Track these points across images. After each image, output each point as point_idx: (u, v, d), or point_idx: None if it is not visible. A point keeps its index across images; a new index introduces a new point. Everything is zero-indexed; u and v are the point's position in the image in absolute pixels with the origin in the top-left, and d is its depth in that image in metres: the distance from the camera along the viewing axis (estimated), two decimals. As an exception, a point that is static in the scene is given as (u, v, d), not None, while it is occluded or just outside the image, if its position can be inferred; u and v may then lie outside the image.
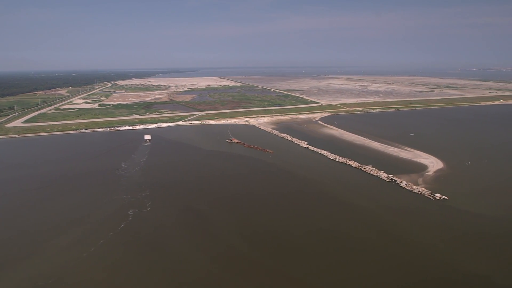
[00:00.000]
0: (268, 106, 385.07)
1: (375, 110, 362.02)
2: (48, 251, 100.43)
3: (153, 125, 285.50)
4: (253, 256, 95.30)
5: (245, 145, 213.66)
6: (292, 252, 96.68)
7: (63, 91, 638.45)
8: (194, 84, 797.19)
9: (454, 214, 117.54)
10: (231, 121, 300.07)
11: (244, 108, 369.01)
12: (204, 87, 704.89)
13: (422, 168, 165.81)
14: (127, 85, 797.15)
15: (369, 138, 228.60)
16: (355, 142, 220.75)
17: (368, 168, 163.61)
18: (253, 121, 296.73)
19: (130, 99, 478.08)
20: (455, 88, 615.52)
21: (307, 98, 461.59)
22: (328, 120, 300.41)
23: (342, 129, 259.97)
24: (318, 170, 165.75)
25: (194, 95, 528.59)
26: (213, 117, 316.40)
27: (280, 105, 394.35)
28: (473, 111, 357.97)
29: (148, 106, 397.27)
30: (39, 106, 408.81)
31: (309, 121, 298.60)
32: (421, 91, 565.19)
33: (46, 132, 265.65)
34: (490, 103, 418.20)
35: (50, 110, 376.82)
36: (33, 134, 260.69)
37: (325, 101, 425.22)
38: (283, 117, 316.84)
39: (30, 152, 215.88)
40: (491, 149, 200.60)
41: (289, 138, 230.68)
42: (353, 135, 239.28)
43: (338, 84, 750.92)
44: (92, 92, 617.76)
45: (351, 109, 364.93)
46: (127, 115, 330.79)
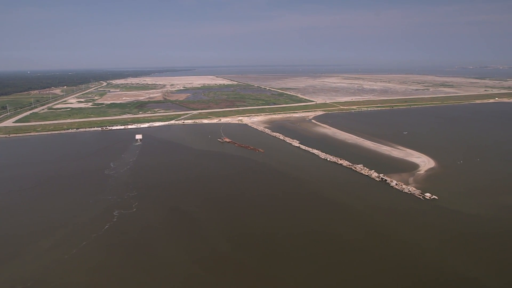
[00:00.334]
0: (262, 105, 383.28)
1: (370, 109, 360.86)
2: (29, 254, 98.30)
3: (145, 125, 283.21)
4: (239, 259, 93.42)
5: (237, 145, 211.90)
6: (279, 255, 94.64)
7: (58, 91, 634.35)
8: (190, 83, 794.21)
9: (444, 214, 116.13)
10: (224, 120, 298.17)
11: (238, 107, 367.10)
12: (200, 86, 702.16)
13: (414, 167, 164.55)
14: (122, 84, 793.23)
15: (362, 137, 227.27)
16: (348, 141, 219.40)
17: (359, 168, 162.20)
18: (246, 120, 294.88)
19: (124, 98, 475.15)
20: (451, 86, 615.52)
21: (302, 97, 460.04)
22: (322, 119, 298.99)
23: (335, 128, 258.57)
24: (309, 170, 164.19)
25: (189, 94, 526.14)
26: (206, 116, 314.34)
27: (274, 104, 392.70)
28: (468, 109, 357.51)
29: (142, 105, 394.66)
30: (32, 106, 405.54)
31: (303, 120, 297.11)
32: (417, 89, 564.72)
33: (37, 132, 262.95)
34: (485, 101, 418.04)
35: (43, 110, 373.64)
36: (24, 134, 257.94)
37: (320, 100, 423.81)
38: (277, 116, 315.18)
39: (19, 153, 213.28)
40: (484, 148, 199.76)
41: (281, 137, 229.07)
42: (346, 134, 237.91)
43: (334, 83, 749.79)
44: (87, 91, 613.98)
45: (346, 108, 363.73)
46: (120, 114, 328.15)
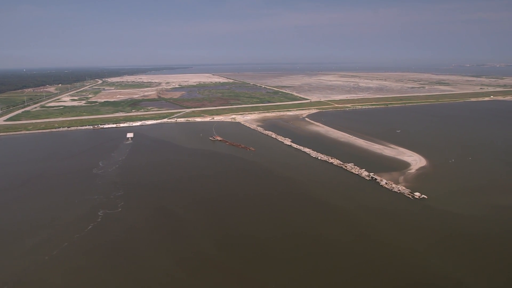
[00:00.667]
0: (256, 103, 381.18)
1: (364, 107, 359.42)
2: (9, 255, 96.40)
3: (138, 123, 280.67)
4: (223, 261, 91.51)
5: (228, 143, 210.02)
6: (264, 258, 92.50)
7: (52, 89, 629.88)
8: (185, 81, 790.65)
9: (432, 214, 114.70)
10: (217, 118, 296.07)
11: (232, 105, 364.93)
12: (195, 84, 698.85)
13: (405, 166, 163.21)
14: (118, 82, 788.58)
15: (355, 135, 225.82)
16: (340, 140, 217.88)
17: (350, 166, 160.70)
18: (239, 118, 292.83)
19: (118, 96, 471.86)
20: (447, 84, 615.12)
21: (297, 95, 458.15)
22: (315, 117, 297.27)
23: (329, 126, 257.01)
24: (299, 169, 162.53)
25: (184, 92, 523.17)
26: (199, 114, 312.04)
27: (269, 102, 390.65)
28: (463, 107, 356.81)
29: (135, 103, 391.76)
30: (25, 104, 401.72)
31: (296, 118, 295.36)
32: (412, 87, 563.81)
33: (28, 131, 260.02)
34: (480, 99, 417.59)
35: (35, 108, 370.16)
36: (14, 133, 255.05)
37: (315, 98, 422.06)
38: (270, 114, 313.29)
39: (8, 151, 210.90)
40: (477, 146, 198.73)
41: (273, 136, 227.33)
42: (339, 132, 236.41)
43: (330, 81, 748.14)
44: (81, 90, 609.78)
45: (340, 106, 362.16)
46: (112, 113, 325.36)
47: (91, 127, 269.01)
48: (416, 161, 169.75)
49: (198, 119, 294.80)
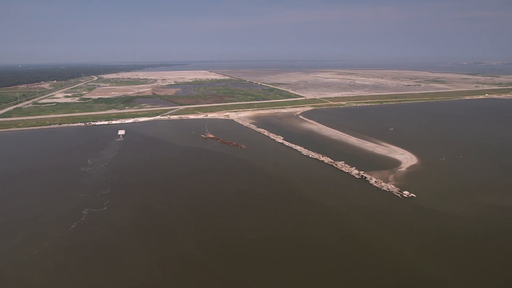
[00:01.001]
0: (251, 100, 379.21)
1: (359, 104, 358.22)
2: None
3: (130, 120, 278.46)
4: (205, 262, 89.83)
5: (219, 141, 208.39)
6: (247, 260, 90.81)
7: (46, 85, 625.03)
8: (181, 78, 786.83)
9: (420, 214, 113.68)
10: (211, 116, 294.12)
11: (226, 102, 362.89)
12: (191, 81, 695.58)
13: (395, 164, 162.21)
14: (113, 79, 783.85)
15: (347, 133, 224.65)
16: (332, 137, 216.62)
17: (340, 164, 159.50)
18: (233, 116, 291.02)
19: (113, 93, 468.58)
20: (443, 82, 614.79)
21: (292, 92, 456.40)
22: (309, 115, 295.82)
23: (322, 124, 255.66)
24: (289, 167, 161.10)
25: (179, 89, 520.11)
26: (193, 112, 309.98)
27: (264, 99, 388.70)
28: (457, 105, 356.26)
29: (129, 100, 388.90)
30: (18, 100, 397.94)
31: (290, 116, 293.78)
32: (408, 85, 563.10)
33: (18, 127, 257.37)
34: (475, 97, 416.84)
35: (28, 105, 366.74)
36: (4, 130, 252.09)
37: (310, 95, 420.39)
38: (264, 111, 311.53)
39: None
40: (469, 145, 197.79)
41: (266, 133, 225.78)
42: (332, 130, 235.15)
43: (327, 78, 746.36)
44: (76, 86, 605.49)
45: (335, 103, 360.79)
46: (105, 110, 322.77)
47: (83, 124, 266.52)
48: (407, 159, 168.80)
49: (192, 116, 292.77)
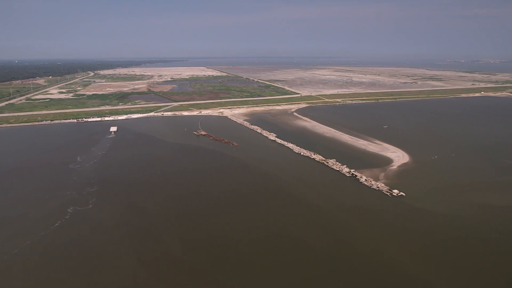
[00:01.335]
0: (246, 97, 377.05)
1: (355, 102, 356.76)
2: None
3: (123, 116, 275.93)
4: (189, 262, 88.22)
5: (212, 138, 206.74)
6: (232, 261, 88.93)
7: (41, 81, 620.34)
8: (178, 74, 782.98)
9: (409, 213, 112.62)
10: (205, 112, 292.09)
11: (221, 99, 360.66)
12: (188, 77, 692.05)
13: (387, 162, 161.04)
14: (110, 75, 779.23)
15: (341, 131, 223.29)
16: (326, 135, 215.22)
17: (331, 162, 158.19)
18: (227, 112, 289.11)
19: (108, 89, 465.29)
20: (439, 80, 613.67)
21: (288, 89, 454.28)
22: (304, 112, 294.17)
23: (316, 121, 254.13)
24: (280, 165, 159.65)
25: (175, 85, 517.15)
26: (187, 108, 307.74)
27: (259, 96, 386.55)
28: (452, 103, 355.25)
29: (124, 97, 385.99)
30: (11, 96, 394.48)
31: (284, 113, 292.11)
32: (405, 83, 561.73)
33: (10, 124, 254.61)
34: (471, 95, 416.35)
35: (20, 101, 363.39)
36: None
37: (306, 92, 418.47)
38: (259, 108, 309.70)
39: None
40: (462, 143, 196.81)
41: (259, 130, 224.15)
42: (325, 127, 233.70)
43: (324, 75, 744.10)
44: (71, 82, 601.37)
45: (330, 100, 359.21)
46: (99, 106, 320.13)
47: (75, 121, 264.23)
48: (399, 157, 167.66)
49: (185, 113, 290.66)
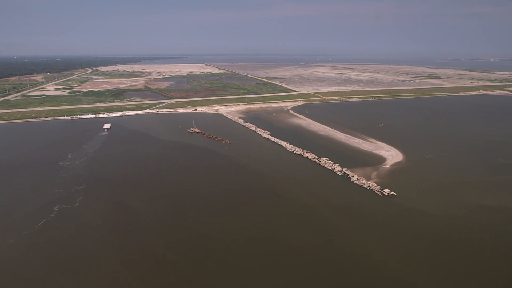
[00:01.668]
0: (243, 94, 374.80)
1: (351, 100, 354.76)
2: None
3: (118, 114, 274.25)
4: (172, 262, 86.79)
5: (205, 135, 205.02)
6: (216, 263, 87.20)
7: (39, 77, 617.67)
8: (177, 71, 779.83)
9: (399, 213, 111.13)
10: (200, 110, 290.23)
11: (217, 96, 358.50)
12: (186, 74, 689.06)
13: (380, 161, 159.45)
14: (108, 72, 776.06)
15: (336, 129, 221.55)
16: (320, 133, 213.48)
17: (324, 161, 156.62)
18: (223, 110, 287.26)
19: (104, 86, 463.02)
20: (438, 78, 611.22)
21: (286, 87, 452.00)
22: (300, 109, 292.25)
23: (311, 119, 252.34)
24: (272, 163, 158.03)
25: (172, 82, 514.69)
26: (183, 105, 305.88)
27: (256, 93, 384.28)
28: (450, 101, 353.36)
29: (120, 94, 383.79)
30: (6, 93, 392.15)
31: (280, 110, 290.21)
32: (403, 81, 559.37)
33: (3, 120, 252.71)
34: (469, 93, 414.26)
35: (16, 97, 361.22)
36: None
37: (303, 90, 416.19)
38: (255, 106, 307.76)
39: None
40: (457, 142, 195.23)
41: (253, 128, 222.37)
42: (320, 125, 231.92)
43: (323, 72, 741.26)
44: (69, 78, 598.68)
45: (327, 98, 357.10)
46: (94, 103, 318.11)
47: (69, 118, 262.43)
48: (393, 156, 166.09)
49: (181, 110, 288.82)
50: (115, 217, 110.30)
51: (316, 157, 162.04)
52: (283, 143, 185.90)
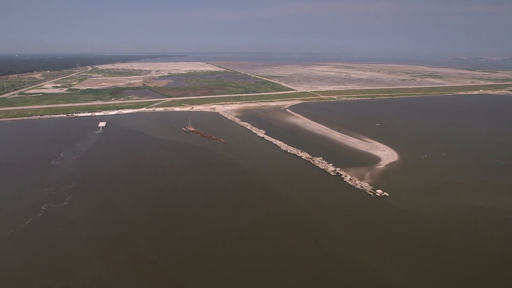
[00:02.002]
0: (241, 93, 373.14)
1: (350, 99, 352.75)
2: None
3: (114, 112, 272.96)
4: (156, 266, 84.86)
5: (200, 134, 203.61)
6: (201, 265, 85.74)
7: (38, 75, 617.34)
8: (176, 69, 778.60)
9: (391, 214, 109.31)
10: (197, 108, 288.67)
11: (215, 95, 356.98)
12: (185, 72, 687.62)
13: (375, 161, 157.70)
14: (107, 69, 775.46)
15: (332, 128, 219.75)
16: (316, 132, 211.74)
17: (317, 161, 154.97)
18: (219, 108, 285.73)
19: (103, 84, 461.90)
20: (439, 77, 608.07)
21: (284, 85, 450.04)
22: (297, 108, 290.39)
23: (308, 118, 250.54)
24: (265, 163, 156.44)
25: (170, 81, 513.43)
26: (180, 104, 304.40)
27: (254, 92, 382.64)
28: (449, 101, 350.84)
29: (117, 92, 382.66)
30: (4, 91, 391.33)
31: (277, 109, 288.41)
32: (403, 80, 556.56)
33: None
34: (469, 93, 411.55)
35: (13, 95, 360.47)
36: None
37: (302, 88, 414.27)
38: (252, 105, 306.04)
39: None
40: (454, 142, 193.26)
41: (249, 127, 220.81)
42: (316, 125, 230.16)
43: (323, 71, 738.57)
44: (68, 76, 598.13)
45: (325, 97, 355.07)
46: (91, 101, 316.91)
47: (65, 116, 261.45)
48: (388, 156, 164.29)
49: (177, 109, 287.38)
50: (103, 217, 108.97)
51: (310, 157, 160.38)
52: (278, 142, 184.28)
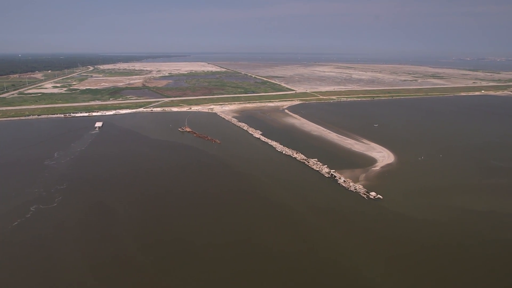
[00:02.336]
0: (240, 93, 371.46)
1: (350, 99, 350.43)
2: None
3: (111, 112, 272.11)
4: (143, 269, 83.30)
5: (195, 134, 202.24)
6: (188, 269, 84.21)
7: (39, 75, 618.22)
8: (177, 70, 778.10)
9: (384, 217, 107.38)
10: (195, 108, 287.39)
11: (214, 95, 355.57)
12: (186, 73, 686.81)
13: (371, 163, 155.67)
14: (108, 70, 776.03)
15: (329, 129, 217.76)
16: (313, 133, 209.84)
17: (312, 162, 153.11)
18: (217, 109, 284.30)
19: (103, 84, 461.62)
20: (441, 78, 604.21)
21: (284, 86, 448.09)
22: (295, 109, 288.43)
23: (306, 119, 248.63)
24: (260, 164, 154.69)
25: (170, 81, 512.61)
26: (178, 104, 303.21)
27: (253, 92, 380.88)
28: (450, 102, 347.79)
29: (116, 92, 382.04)
30: (4, 90, 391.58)
31: (275, 110, 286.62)
32: (405, 80, 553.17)
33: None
34: (471, 94, 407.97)
35: (13, 95, 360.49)
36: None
37: (301, 89, 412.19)
38: (250, 105, 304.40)
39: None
40: (452, 143, 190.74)
41: (245, 128, 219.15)
42: (314, 125, 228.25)
43: (324, 72, 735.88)
44: (68, 76, 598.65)
45: (325, 98, 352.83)
46: (89, 101, 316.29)
47: (62, 116, 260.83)
48: (384, 158, 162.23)
49: (175, 109, 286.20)
50: (92, 218, 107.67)
51: (305, 158, 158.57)
52: (274, 143, 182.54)
